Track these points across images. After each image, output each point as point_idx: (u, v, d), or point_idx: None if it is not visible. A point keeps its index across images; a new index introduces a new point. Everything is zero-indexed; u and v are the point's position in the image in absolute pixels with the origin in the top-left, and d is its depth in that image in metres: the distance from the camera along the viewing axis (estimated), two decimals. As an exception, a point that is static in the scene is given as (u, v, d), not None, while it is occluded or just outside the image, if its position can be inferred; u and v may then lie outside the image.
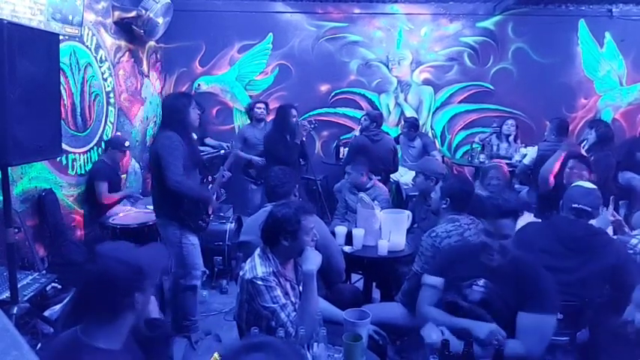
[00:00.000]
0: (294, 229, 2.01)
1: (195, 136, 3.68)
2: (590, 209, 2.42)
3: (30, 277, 2.80)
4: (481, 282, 1.98)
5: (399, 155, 5.22)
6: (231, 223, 4.22)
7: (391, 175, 4.99)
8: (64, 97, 3.83)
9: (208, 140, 5.77)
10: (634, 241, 2.56)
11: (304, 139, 4.57)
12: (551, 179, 3.62)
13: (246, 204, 5.12)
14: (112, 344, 1.34)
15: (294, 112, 4.48)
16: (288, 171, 2.94)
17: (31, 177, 3.49)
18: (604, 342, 1.44)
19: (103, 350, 1.31)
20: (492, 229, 1.95)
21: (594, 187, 2.57)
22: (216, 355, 1.62)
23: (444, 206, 2.61)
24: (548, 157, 3.90)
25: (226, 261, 4.11)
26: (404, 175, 5.21)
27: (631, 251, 2.58)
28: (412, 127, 5.60)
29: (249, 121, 5.39)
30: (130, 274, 1.35)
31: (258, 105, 5.25)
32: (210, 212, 3.16)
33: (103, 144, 4.50)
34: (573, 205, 2.43)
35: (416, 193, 3.88)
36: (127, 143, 4.37)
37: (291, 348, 1.18)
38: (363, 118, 4.97)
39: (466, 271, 2.04)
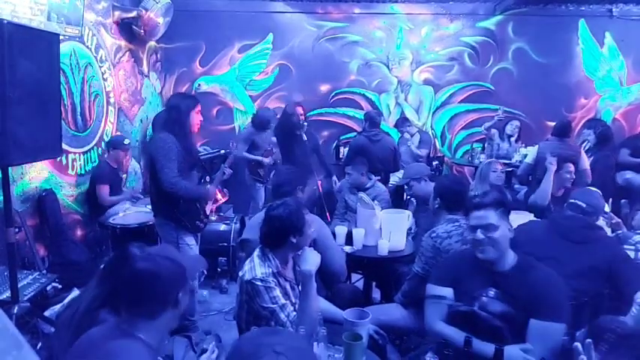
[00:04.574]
0: (302, 224, 2.04)
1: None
2: (585, 205, 2.49)
3: (30, 277, 2.81)
4: (491, 293, 1.88)
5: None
6: (235, 223, 4.22)
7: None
8: (64, 97, 3.84)
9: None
10: (637, 237, 2.58)
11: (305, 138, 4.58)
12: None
13: (249, 203, 5.20)
14: (150, 339, 1.32)
15: (299, 110, 4.59)
16: (294, 170, 2.95)
17: (31, 177, 3.50)
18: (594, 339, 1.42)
19: (143, 341, 1.30)
20: None
21: (597, 191, 2.68)
22: None
23: (437, 206, 2.64)
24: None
25: (231, 262, 4.10)
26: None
27: (632, 247, 2.59)
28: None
29: (253, 126, 4.98)
30: (177, 272, 1.36)
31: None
32: (207, 213, 3.16)
33: (103, 144, 4.51)
34: (570, 200, 2.57)
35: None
36: (126, 141, 4.37)
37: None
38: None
39: (476, 280, 1.93)
